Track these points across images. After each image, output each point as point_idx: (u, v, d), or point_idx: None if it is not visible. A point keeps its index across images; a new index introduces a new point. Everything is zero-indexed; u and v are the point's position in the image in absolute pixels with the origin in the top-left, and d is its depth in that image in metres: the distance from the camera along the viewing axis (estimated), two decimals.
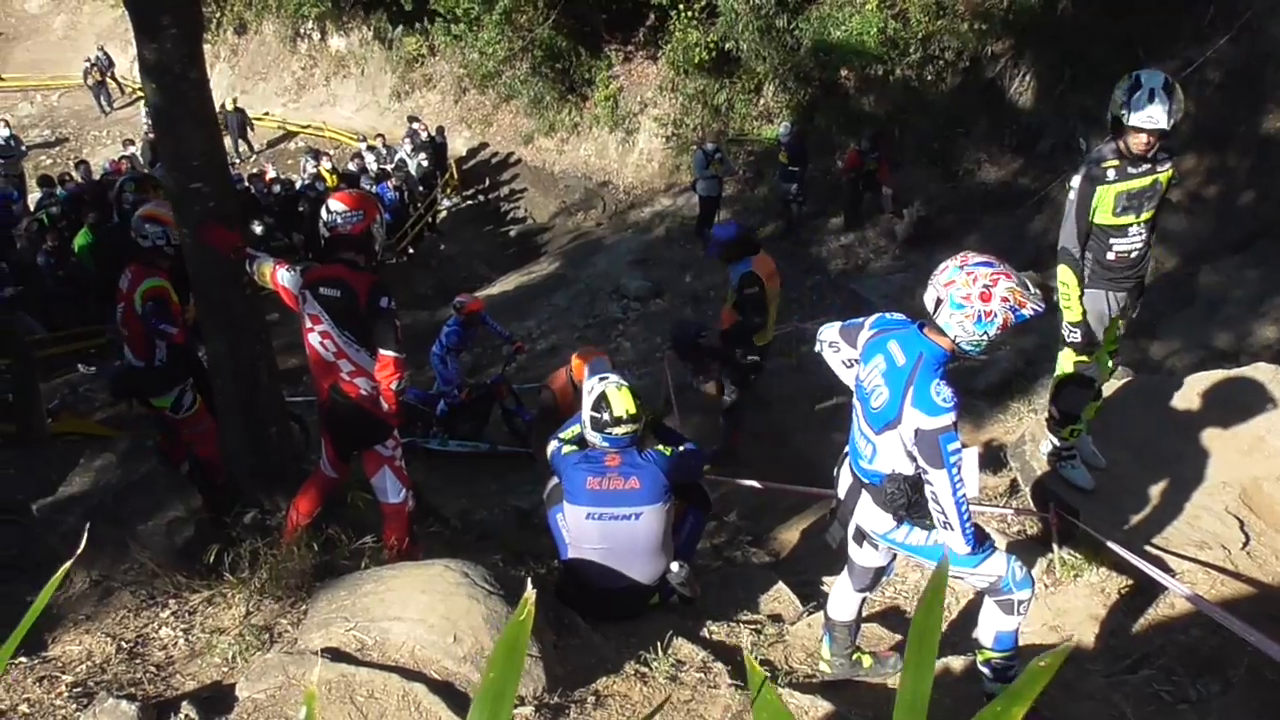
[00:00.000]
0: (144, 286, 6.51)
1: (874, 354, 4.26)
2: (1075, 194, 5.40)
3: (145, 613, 4.96)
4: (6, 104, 30.47)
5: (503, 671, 1.34)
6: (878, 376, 4.20)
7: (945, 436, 3.96)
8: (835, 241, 18.55)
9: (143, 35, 5.46)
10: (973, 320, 3.95)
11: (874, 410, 4.22)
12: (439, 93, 28.38)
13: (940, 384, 4.00)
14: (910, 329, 4.22)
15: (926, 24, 18.98)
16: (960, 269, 3.99)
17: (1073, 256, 5.46)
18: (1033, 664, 1.33)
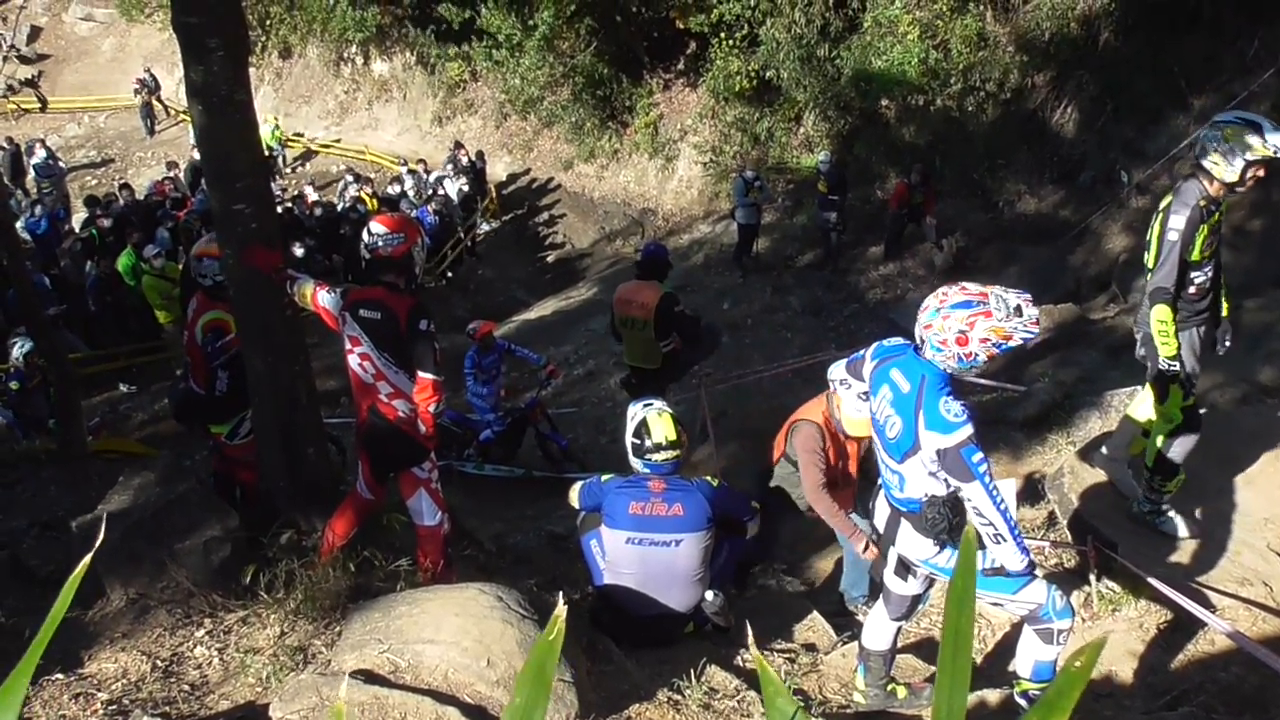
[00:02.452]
0: (205, 318, 6.57)
1: (880, 384, 4.30)
2: (1179, 235, 5.38)
3: (181, 631, 4.99)
4: (54, 125, 30.91)
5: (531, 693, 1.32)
6: (887, 406, 4.22)
7: (967, 450, 3.93)
8: (874, 271, 18.50)
9: (190, 57, 5.53)
10: (954, 360, 4.01)
11: (891, 440, 4.23)
12: (480, 118, 28.57)
13: (948, 400, 3.97)
14: (908, 353, 4.22)
15: (968, 55, 18.94)
16: (937, 312, 4.02)
17: (1170, 295, 5.43)
18: (1066, 665, 1.29)
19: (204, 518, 6.11)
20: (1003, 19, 19.06)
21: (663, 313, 8.91)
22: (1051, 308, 13.90)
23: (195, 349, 6.67)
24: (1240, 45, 16.11)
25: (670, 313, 8.94)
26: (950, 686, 1.33)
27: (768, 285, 18.26)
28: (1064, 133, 18.44)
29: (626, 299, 9.19)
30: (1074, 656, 1.26)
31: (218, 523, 6.09)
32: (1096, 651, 1.27)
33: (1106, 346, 12.48)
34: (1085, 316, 13.89)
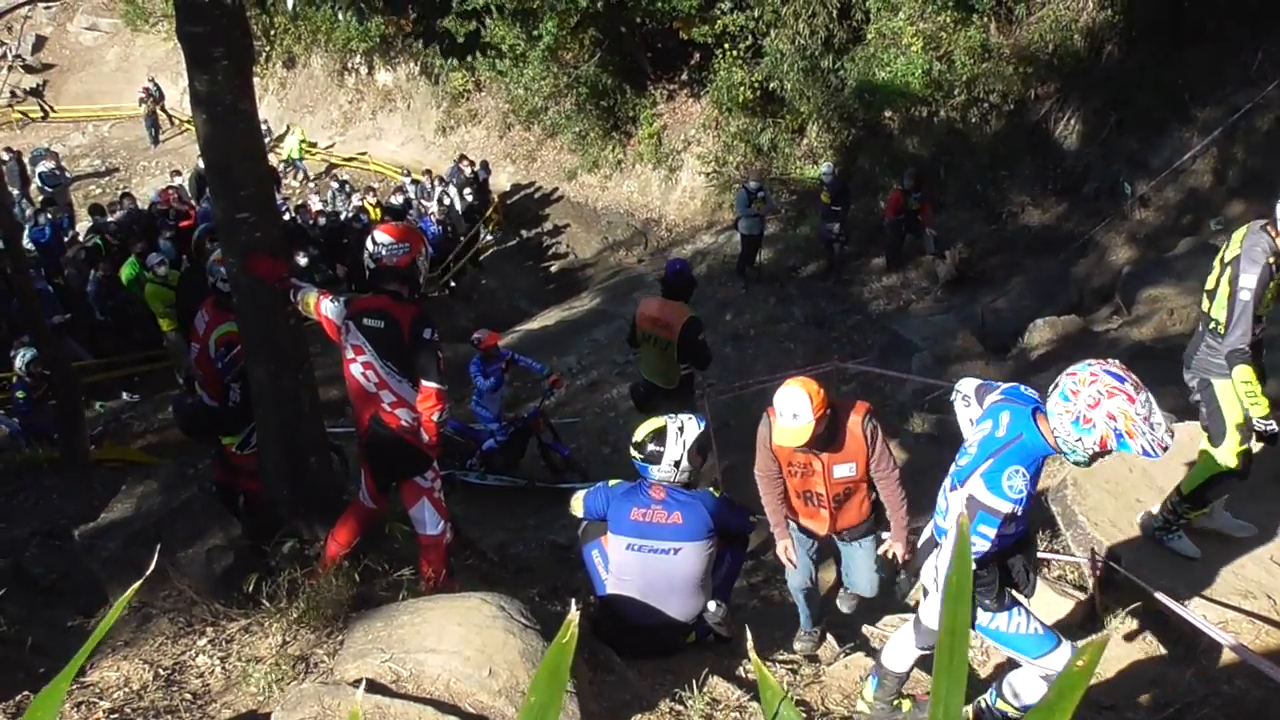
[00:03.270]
0: (219, 331, 6.59)
1: (987, 418, 4.15)
2: (1251, 295, 5.23)
3: (183, 640, 4.98)
4: (59, 134, 30.96)
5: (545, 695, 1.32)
6: (977, 437, 4.13)
7: (986, 517, 3.86)
8: (877, 282, 18.50)
9: (195, 67, 5.55)
10: (1070, 419, 3.75)
11: (958, 466, 4.17)
12: (484, 128, 28.61)
13: (1019, 473, 3.86)
14: (1028, 408, 4.02)
15: (971, 66, 18.94)
16: (1087, 366, 3.81)
17: (1248, 354, 5.32)
18: (1069, 664, 1.27)
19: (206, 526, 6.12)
20: (1006, 31, 19.07)
21: (687, 336, 8.89)
22: (1055, 319, 13.88)
23: (208, 362, 6.69)
24: (1244, 58, 16.11)
25: (694, 337, 8.92)
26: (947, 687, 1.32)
27: (771, 296, 18.26)
28: (1067, 145, 18.44)
29: (652, 316, 9.14)
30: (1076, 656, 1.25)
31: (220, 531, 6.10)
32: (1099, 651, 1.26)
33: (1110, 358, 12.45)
34: (1089, 328, 13.86)
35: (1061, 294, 15.98)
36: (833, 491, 5.48)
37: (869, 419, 5.32)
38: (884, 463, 5.37)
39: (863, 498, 5.59)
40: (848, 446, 5.32)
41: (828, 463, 5.37)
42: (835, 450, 5.33)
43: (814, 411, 4.96)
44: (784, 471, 5.53)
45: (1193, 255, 14.31)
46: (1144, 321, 13.23)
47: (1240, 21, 16.15)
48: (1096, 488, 6.55)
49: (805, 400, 4.97)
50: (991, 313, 15.66)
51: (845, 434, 5.32)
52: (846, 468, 5.38)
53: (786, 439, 5.06)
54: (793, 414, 5.00)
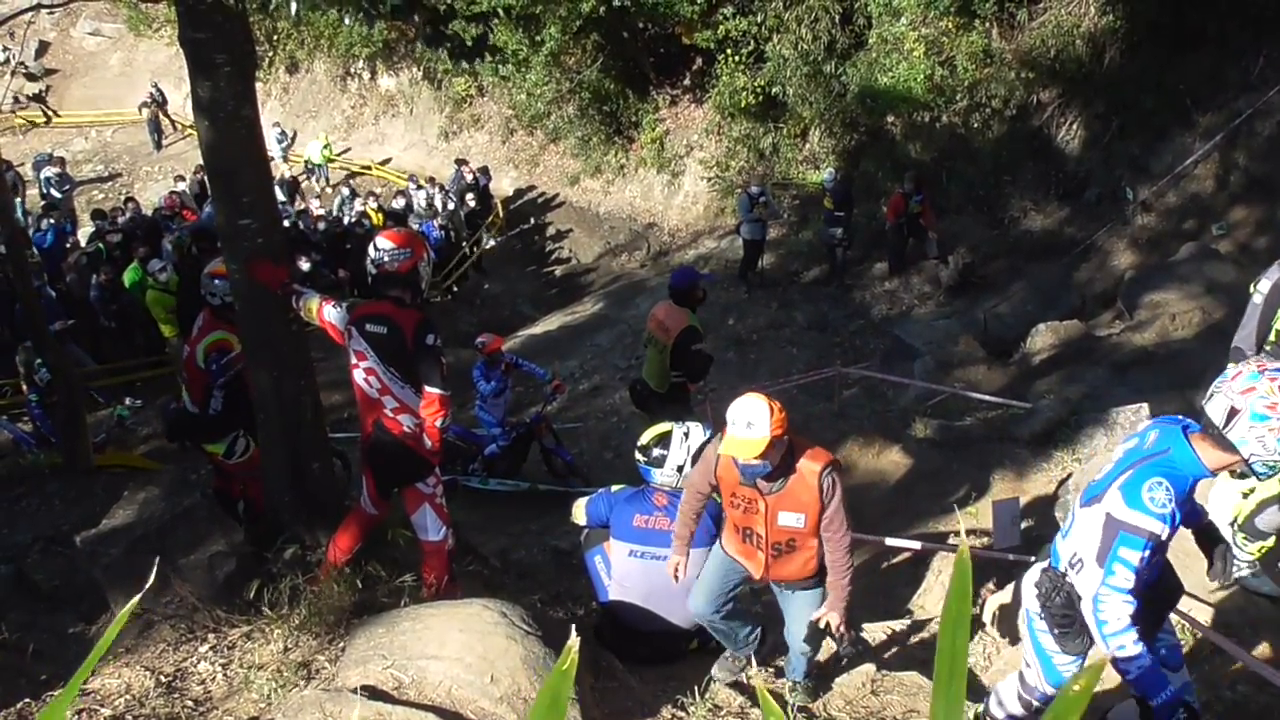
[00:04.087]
0: (208, 340, 6.60)
1: (1134, 438, 3.81)
2: (1263, 299, 5.22)
3: (184, 647, 4.99)
4: (62, 139, 30.99)
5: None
6: (1121, 452, 3.77)
7: (1128, 538, 3.49)
8: (879, 287, 18.51)
9: (197, 73, 5.55)
10: (1276, 436, 3.37)
11: (1093, 480, 3.80)
12: (487, 133, 28.64)
13: (1162, 486, 3.49)
14: (1177, 426, 3.68)
15: (974, 71, 18.95)
16: (1260, 374, 3.44)
17: (1243, 355, 5.29)
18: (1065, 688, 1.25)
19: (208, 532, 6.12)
20: (1008, 36, 19.08)
21: (680, 344, 8.92)
22: (1057, 324, 13.89)
23: (194, 368, 6.69)
24: (1245, 63, 16.12)
25: (687, 347, 8.95)
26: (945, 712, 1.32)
27: (773, 301, 18.26)
28: (1069, 149, 18.45)
29: (657, 318, 9.24)
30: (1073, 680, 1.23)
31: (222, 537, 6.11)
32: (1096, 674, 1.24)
33: (1112, 363, 12.46)
34: (1091, 333, 13.87)
35: (1063, 299, 15.99)
36: (773, 538, 4.94)
37: (830, 471, 4.78)
38: (837, 522, 4.81)
39: (808, 556, 4.99)
40: (799, 495, 4.77)
41: (772, 507, 4.84)
42: (783, 494, 4.78)
43: (771, 425, 4.50)
44: (726, 503, 5.04)
45: (1195, 260, 14.32)
46: (1146, 327, 13.23)
47: (1241, 26, 16.17)
48: None
49: (764, 411, 4.53)
50: (994, 317, 15.67)
51: (798, 479, 4.75)
52: (793, 518, 4.83)
53: (737, 449, 4.57)
54: (748, 422, 4.55)
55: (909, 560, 8.07)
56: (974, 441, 10.41)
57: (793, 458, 4.75)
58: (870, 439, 10.95)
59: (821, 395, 13.40)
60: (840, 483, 4.82)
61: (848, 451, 10.98)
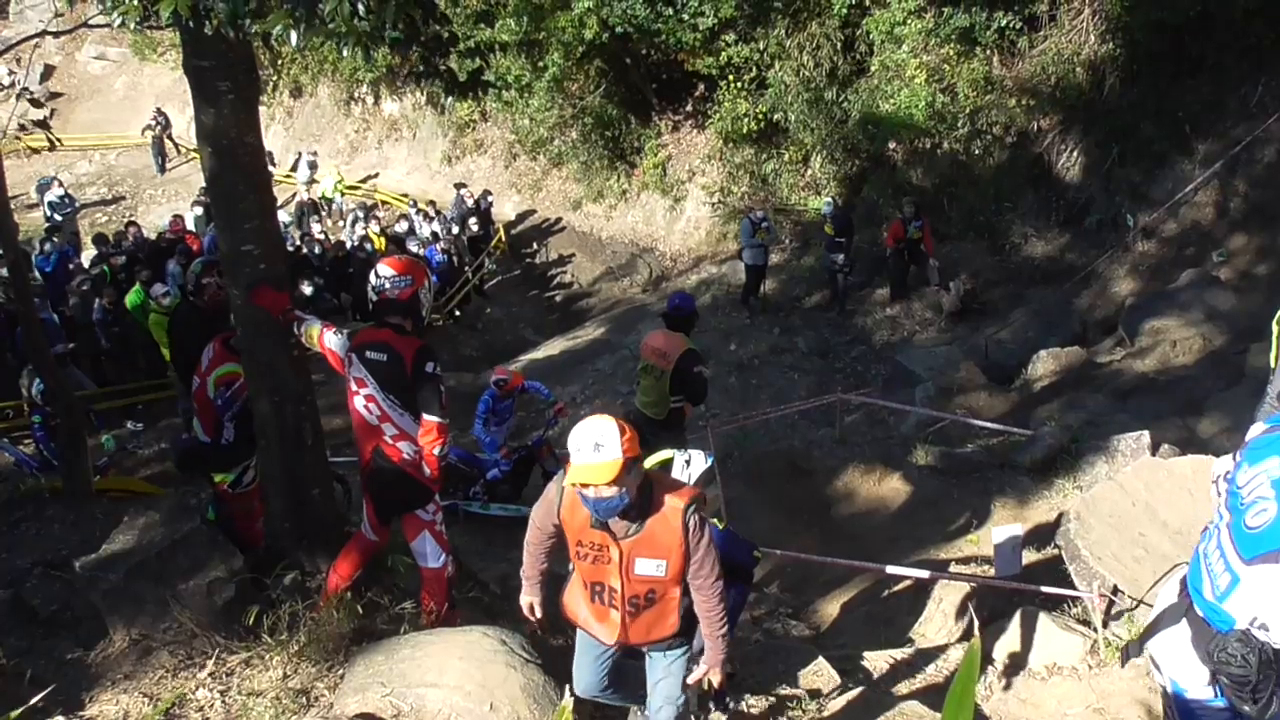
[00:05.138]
0: (218, 373, 6.61)
1: (1265, 456, 3.14)
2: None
3: (183, 673, 4.98)
4: (65, 162, 31.10)
5: None
6: (1264, 484, 3.07)
7: None
8: (880, 313, 18.52)
9: (201, 100, 5.58)
10: None
11: (1249, 530, 3.07)
12: (490, 158, 28.72)
13: None
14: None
15: (974, 98, 19.02)
16: None
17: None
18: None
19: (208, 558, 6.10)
20: (1009, 64, 19.16)
21: (680, 368, 8.91)
22: (1058, 351, 13.91)
23: (205, 399, 6.71)
24: (1244, 92, 16.20)
25: (688, 371, 8.94)
26: None
27: (775, 326, 18.28)
28: (1070, 177, 18.50)
29: (652, 346, 9.22)
30: None
31: (222, 563, 6.08)
32: None
33: (1113, 390, 12.46)
34: (1092, 360, 13.88)
35: (1064, 325, 16.01)
36: (630, 591, 4.30)
37: (694, 509, 4.18)
38: (708, 567, 4.22)
39: (670, 608, 4.38)
40: (660, 538, 4.16)
41: (628, 552, 4.21)
42: (640, 537, 4.17)
43: (623, 445, 3.94)
44: (572, 554, 4.41)
45: (1195, 287, 14.35)
46: (1147, 353, 13.25)
47: (1240, 55, 16.27)
48: (1100, 521, 6.54)
49: (612, 430, 3.97)
50: (995, 344, 15.68)
51: (659, 519, 4.15)
52: (653, 565, 4.22)
53: (587, 475, 3.93)
54: (595, 444, 3.94)
55: (910, 588, 8.05)
56: (975, 469, 10.40)
57: (651, 495, 4.15)
58: (871, 466, 10.94)
59: (823, 421, 13.39)
60: (706, 528, 4.21)
61: (849, 478, 10.98)
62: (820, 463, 11.70)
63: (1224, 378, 12.18)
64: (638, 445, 4.03)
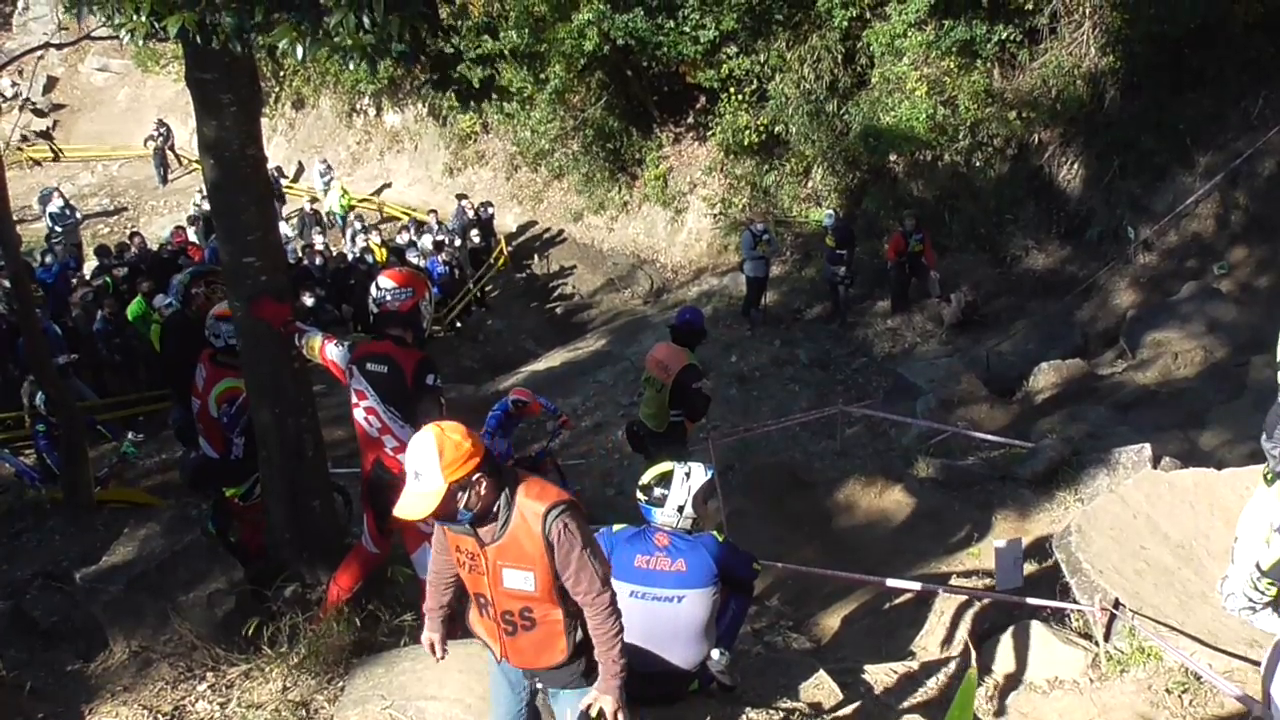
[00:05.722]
0: (218, 390, 6.64)
1: None
2: None
3: (183, 685, 4.98)
4: (68, 173, 31.14)
5: None
6: None
7: None
8: (881, 325, 18.51)
9: (203, 112, 5.60)
10: None
11: None
12: (491, 169, 28.74)
13: None
14: None
15: (975, 111, 19.05)
16: None
17: None
18: None
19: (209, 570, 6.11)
20: (1009, 76, 19.20)
21: (680, 382, 8.95)
22: (1059, 363, 13.90)
23: (208, 418, 6.73)
24: (1245, 104, 16.23)
25: (687, 385, 8.97)
26: None
27: (776, 338, 18.27)
28: (1070, 189, 18.52)
29: (655, 358, 9.30)
30: None
31: (222, 575, 6.09)
32: None
33: (1114, 402, 12.46)
34: (1093, 372, 13.88)
35: (1066, 337, 16.01)
36: (501, 606, 3.94)
37: (558, 514, 3.75)
38: (585, 580, 3.81)
39: (554, 632, 3.95)
40: (522, 545, 3.77)
41: (494, 561, 3.84)
42: (504, 543, 3.79)
43: (444, 469, 3.58)
44: (455, 561, 4.06)
45: (1197, 299, 14.36)
46: (1148, 365, 13.25)
47: (1240, 69, 16.31)
48: (1101, 534, 6.52)
49: (431, 452, 3.60)
50: (996, 356, 15.68)
51: (520, 524, 3.77)
52: (520, 577, 3.83)
53: (405, 510, 3.66)
54: (414, 472, 3.63)
55: (911, 601, 8.03)
56: (976, 481, 10.39)
57: (511, 501, 3.77)
58: (872, 478, 10.93)
59: (824, 433, 13.38)
60: (581, 529, 3.79)
61: (850, 490, 10.97)
62: (821, 475, 11.70)
63: (1225, 390, 12.17)
64: (471, 454, 3.63)
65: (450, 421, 3.74)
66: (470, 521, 3.71)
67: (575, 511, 3.79)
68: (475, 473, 3.62)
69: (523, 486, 3.77)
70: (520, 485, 3.78)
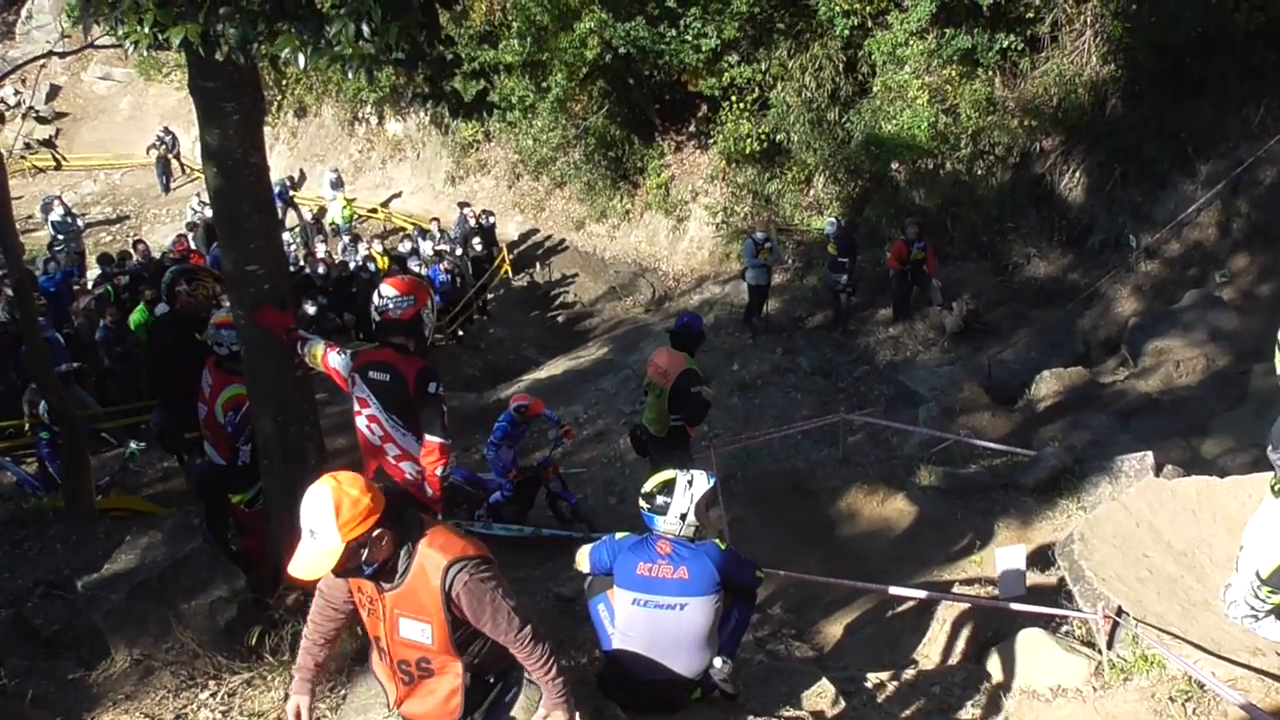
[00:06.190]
0: (225, 395, 6.69)
1: None
2: None
3: (185, 694, 4.97)
4: (70, 182, 31.23)
5: None
6: None
7: None
8: (883, 333, 18.50)
9: (206, 121, 5.62)
10: None
11: None
12: (493, 178, 28.79)
13: None
14: None
15: (977, 119, 19.06)
16: None
17: None
18: None
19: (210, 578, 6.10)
20: (1011, 84, 19.20)
21: (678, 386, 8.99)
22: (1061, 371, 13.90)
23: (215, 425, 6.76)
24: (1246, 113, 16.23)
25: (685, 389, 9.00)
26: None
27: (778, 346, 18.27)
28: (1072, 197, 18.52)
29: (656, 363, 9.36)
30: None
31: (224, 583, 6.09)
32: None
33: (1116, 410, 12.45)
34: (1095, 380, 13.87)
35: (1068, 346, 16.01)
36: (397, 655, 3.82)
37: (460, 569, 3.61)
38: (503, 625, 3.69)
39: (450, 687, 3.83)
40: (420, 596, 3.64)
41: (390, 609, 3.72)
42: (403, 592, 3.66)
43: (342, 530, 3.43)
44: (356, 602, 3.90)
45: (1198, 307, 14.36)
46: (1150, 373, 13.24)
47: (1241, 77, 16.32)
48: (1103, 542, 6.52)
49: (328, 511, 3.43)
50: (998, 364, 15.67)
51: (420, 575, 3.63)
52: (417, 628, 3.70)
53: (297, 569, 3.49)
54: (309, 530, 3.47)
55: (913, 609, 8.03)
56: (979, 489, 10.38)
57: (413, 546, 3.64)
58: (875, 486, 10.92)
59: (826, 442, 13.37)
60: (486, 578, 3.65)
61: (852, 498, 10.96)
62: (823, 483, 11.68)
63: (1228, 398, 12.17)
64: (370, 510, 3.48)
65: (349, 474, 3.57)
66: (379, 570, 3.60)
67: (480, 565, 3.65)
68: (375, 529, 3.49)
69: (427, 537, 3.64)
70: (425, 536, 3.64)
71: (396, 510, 3.58)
